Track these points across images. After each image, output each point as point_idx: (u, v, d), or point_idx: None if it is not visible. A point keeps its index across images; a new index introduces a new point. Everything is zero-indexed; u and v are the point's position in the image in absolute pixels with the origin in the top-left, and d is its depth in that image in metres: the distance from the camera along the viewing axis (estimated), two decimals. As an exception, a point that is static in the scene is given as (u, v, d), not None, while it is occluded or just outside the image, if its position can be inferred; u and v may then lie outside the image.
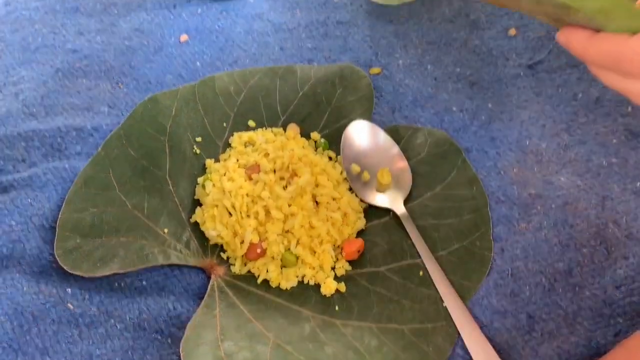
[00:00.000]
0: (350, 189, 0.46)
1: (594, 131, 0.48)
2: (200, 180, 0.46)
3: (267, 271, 0.42)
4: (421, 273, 0.41)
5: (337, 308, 0.40)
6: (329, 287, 0.41)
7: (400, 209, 0.44)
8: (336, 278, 0.42)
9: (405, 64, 0.54)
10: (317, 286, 0.41)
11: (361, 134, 0.48)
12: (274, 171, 0.44)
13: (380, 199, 0.45)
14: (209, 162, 0.47)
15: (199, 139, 0.49)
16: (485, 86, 0.52)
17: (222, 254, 0.43)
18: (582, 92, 0.50)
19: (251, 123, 0.50)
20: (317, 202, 0.44)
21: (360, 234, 0.44)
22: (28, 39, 0.57)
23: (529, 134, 0.48)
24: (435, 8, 0.57)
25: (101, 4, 0.59)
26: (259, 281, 0.42)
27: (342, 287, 0.41)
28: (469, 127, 0.49)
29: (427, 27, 0.56)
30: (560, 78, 0.51)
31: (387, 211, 0.45)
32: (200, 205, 0.45)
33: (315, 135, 0.49)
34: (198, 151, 0.48)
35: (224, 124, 0.50)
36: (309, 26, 0.57)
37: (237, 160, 0.46)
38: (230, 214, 0.43)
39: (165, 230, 0.44)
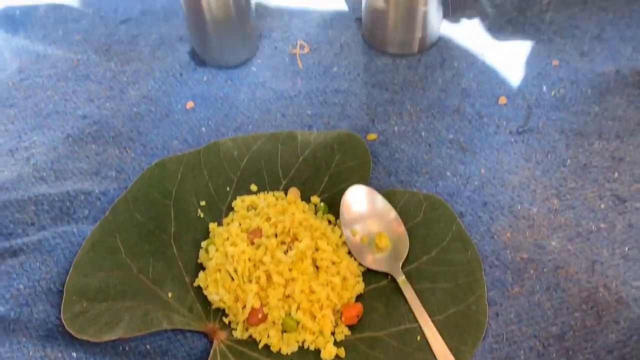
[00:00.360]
0: (349, 253, 0.47)
1: (583, 196, 0.50)
2: (203, 244, 0.47)
3: (268, 336, 0.42)
4: (418, 338, 0.42)
5: (336, 373, 0.41)
6: (329, 352, 0.41)
7: (398, 273, 0.45)
8: (336, 343, 0.43)
9: (400, 131, 0.56)
10: (317, 351, 0.42)
11: (359, 198, 0.49)
12: (275, 235, 0.46)
13: (379, 263, 0.46)
14: (212, 226, 0.49)
15: (203, 203, 0.50)
16: (477, 152, 0.54)
17: (224, 318, 0.44)
18: (571, 159, 0.53)
19: (253, 187, 0.52)
20: (317, 267, 0.45)
21: (358, 298, 0.45)
22: (40, 104, 0.59)
23: (520, 199, 0.50)
24: (428, 77, 0.60)
25: (111, 71, 0.62)
26: (260, 346, 0.42)
27: (342, 352, 0.42)
28: (463, 192, 0.51)
29: (421, 95, 0.59)
30: (549, 145, 0.54)
31: (385, 275, 0.46)
32: (204, 269, 0.46)
33: (315, 199, 0.51)
34: (202, 215, 0.50)
35: (227, 188, 0.52)
36: (309, 94, 0.59)
37: (240, 225, 0.48)
38: (232, 278, 0.44)
39: (170, 295, 0.45)
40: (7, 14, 0.68)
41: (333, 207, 0.50)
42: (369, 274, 0.46)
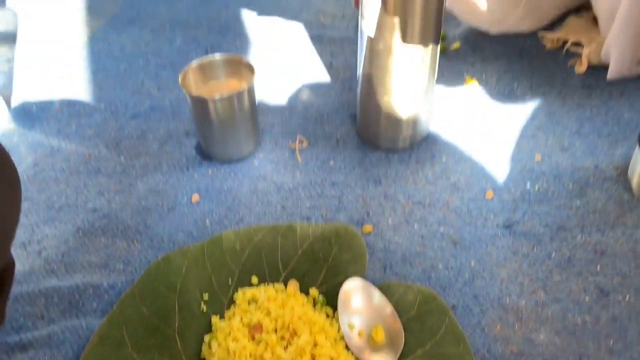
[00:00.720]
0: (347, 347, 0.49)
1: (568, 289, 0.53)
2: (206, 338, 0.49)
3: None
4: None
5: None
6: None
7: (393, 368, 0.47)
8: None
9: (394, 223, 0.59)
10: None
11: (356, 293, 0.52)
12: (275, 330, 0.48)
13: (376, 359, 0.48)
14: (215, 319, 0.51)
15: (206, 297, 0.53)
16: (467, 245, 0.57)
17: (226, 414, 0.45)
18: (555, 251, 0.56)
19: (254, 279, 0.54)
20: (315, 361, 0.47)
21: (356, 392, 0.47)
22: (53, 198, 0.63)
23: (508, 291, 0.53)
24: (419, 171, 0.64)
25: (121, 165, 0.66)
26: None
27: None
28: (454, 284, 0.54)
29: (412, 189, 0.62)
30: (534, 238, 0.57)
31: (381, 369, 0.48)
32: (207, 363, 0.48)
33: (313, 291, 0.53)
34: (205, 309, 0.52)
35: (230, 281, 0.54)
36: (307, 186, 0.63)
37: (241, 319, 0.50)
38: (234, 374, 0.46)
39: (173, 390, 0.46)
40: (24, 109, 0.73)
41: (331, 299, 0.52)
42: (365, 368, 0.48)
